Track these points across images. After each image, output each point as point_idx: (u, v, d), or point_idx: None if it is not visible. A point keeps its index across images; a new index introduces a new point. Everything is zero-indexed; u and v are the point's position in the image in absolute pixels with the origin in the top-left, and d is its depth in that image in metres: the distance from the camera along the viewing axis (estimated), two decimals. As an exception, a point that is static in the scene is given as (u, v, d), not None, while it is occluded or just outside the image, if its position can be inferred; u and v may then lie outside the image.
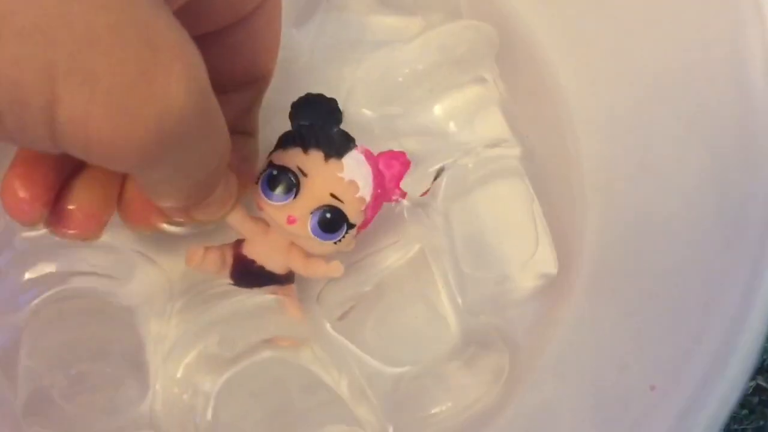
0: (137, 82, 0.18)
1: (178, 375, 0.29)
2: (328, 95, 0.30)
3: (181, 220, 0.27)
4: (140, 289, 0.31)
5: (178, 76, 0.18)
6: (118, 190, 0.27)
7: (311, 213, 0.28)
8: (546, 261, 0.30)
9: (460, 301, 0.31)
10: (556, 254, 0.31)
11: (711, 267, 0.25)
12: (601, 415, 0.27)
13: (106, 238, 0.27)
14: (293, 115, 0.29)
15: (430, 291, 0.31)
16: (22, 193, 0.23)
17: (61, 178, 0.25)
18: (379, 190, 0.29)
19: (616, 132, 0.30)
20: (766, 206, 0.24)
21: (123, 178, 0.27)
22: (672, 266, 0.27)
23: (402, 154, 0.30)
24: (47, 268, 0.30)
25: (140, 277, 0.31)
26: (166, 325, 0.31)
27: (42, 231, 0.30)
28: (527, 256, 0.31)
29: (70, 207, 0.25)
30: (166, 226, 0.29)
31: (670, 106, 0.28)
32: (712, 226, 0.26)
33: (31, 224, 0.24)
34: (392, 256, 0.31)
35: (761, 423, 0.42)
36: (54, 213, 0.25)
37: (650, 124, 0.29)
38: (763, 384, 0.42)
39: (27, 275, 0.30)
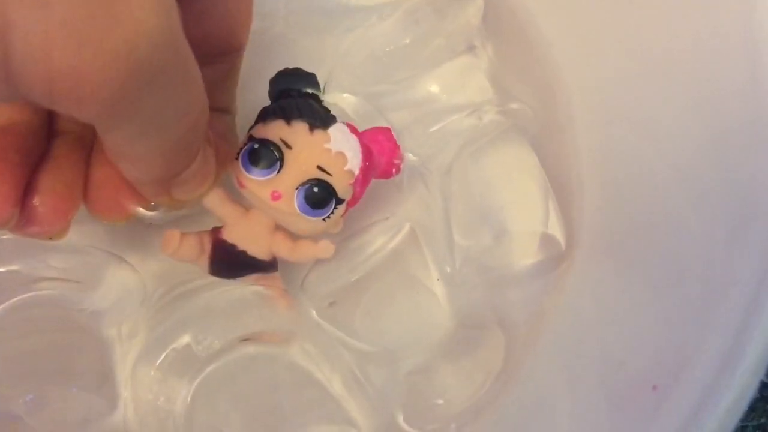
0: (96, 5, 0.16)
1: (150, 378, 0.26)
2: (308, 69, 0.29)
3: (158, 201, 0.25)
4: (110, 293, 0.28)
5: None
6: (83, 180, 0.25)
7: (297, 188, 0.26)
8: (552, 235, 0.29)
9: (449, 269, 0.29)
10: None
11: (717, 256, 0.24)
12: (601, 410, 0.25)
13: (72, 237, 0.25)
14: (272, 92, 0.28)
15: (422, 273, 0.29)
16: None
17: (28, 172, 0.23)
18: (367, 163, 0.28)
19: (614, 111, 0.29)
20: None
21: (87, 165, 0.25)
22: (675, 256, 0.26)
23: (386, 129, 0.28)
24: (6, 273, 0.27)
25: (110, 280, 0.29)
26: (137, 329, 0.28)
27: None
28: (534, 228, 0.29)
29: (35, 202, 0.23)
30: (140, 212, 0.26)
31: (674, 77, 0.27)
32: (718, 213, 0.24)
33: (2, 226, 0.22)
34: (381, 238, 0.29)
35: (762, 420, 0.41)
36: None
37: (651, 96, 0.27)
38: (765, 380, 0.41)
39: None
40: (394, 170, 0.29)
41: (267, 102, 0.28)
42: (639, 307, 0.26)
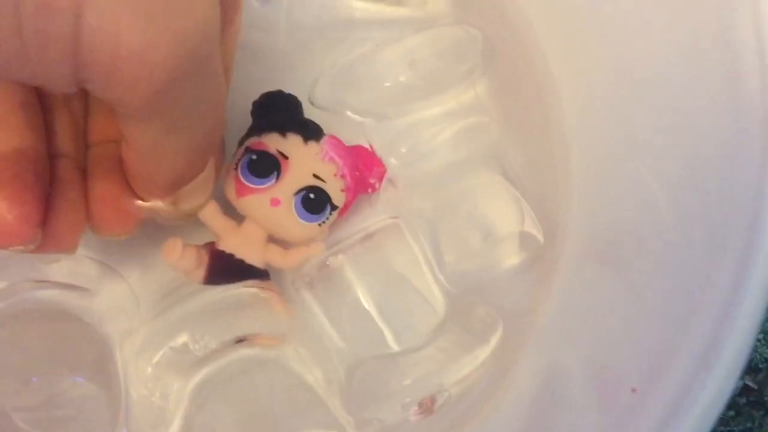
0: None
1: (147, 375, 0.26)
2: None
3: (160, 211, 0.26)
4: (106, 301, 0.29)
5: None
6: (86, 199, 0.26)
7: (294, 194, 0.28)
8: (531, 230, 0.30)
9: (443, 278, 0.30)
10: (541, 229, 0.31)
11: (696, 263, 0.25)
12: (584, 410, 0.26)
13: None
14: (254, 112, 0.29)
15: (411, 269, 0.30)
16: (11, 215, 0.22)
17: (45, 194, 0.24)
18: (356, 172, 0.29)
19: (602, 120, 0.30)
20: (753, 203, 0.23)
21: (86, 184, 0.26)
22: (655, 261, 0.27)
23: (368, 148, 0.30)
24: (1, 280, 0.28)
25: (105, 289, 0.29)
26: (135, 334, 0.28)
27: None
28: (512, 228, 0.30)
29: (52, 223, 0.24)
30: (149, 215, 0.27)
31: (660, 96, 0.28)
32: (697, 222, 0.25)
33: (24, 249, 0.23)
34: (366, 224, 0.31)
35: (748, 425, 0.41)
36: None
37: (637, 110, 0.29)
38: (751, 384, 0.41)
39: None
40: (375, 185, 0.30)
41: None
42: (622, 309, 0.27)
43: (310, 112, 0.30)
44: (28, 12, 0.16)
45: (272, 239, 0.29)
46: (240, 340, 0.27)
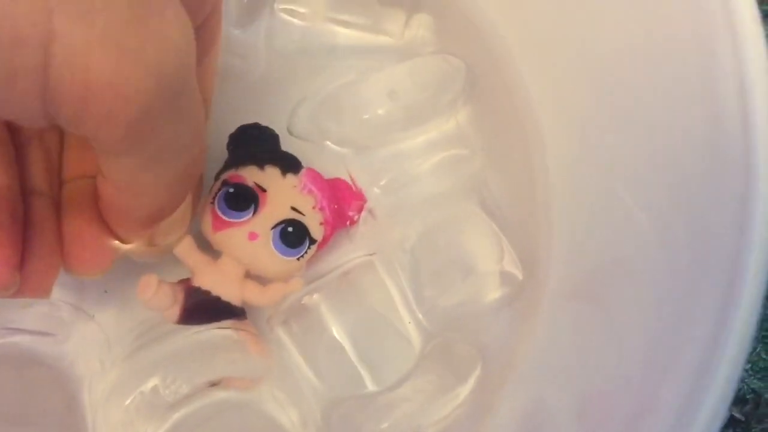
0: (133, 20, 0.17)
1: (118, 421, 0.25)
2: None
3: (133, 248, 0.26)
4: (76, 344, 0.28)
5: (171, 20, 0.18)
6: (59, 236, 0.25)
7: (272, 228, 0.27)
8: (510, 269, 0.29)
9: (421, 316, 0.29)
10: (521, 266, 0.30)
11: (681, 297, 0.24)
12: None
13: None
14: (231, 146, 0.29)
15: (387, 307, 0.29)
16: None
17: (21, 236, 0.23)
18: (335, 206, 0.29)
19: (584, 149, 0.29)
20: (736, 232, 0.23)
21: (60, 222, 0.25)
22: (639, 295, 0.26)
23: (345, 181, 0.30)
24: None
25: (75, 332, 0.28)
26: (106, 378, 0.27)
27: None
28: (491, 264, 0.29)
29: (29, 266, 0.23)
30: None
31: (640, 124, 0.28)
32: (683, 251, 0.25)
33: (1, 294, 0.22)
34: (342, 260, 0.30)
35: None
36: None
37: (619, 138, 0.28)
38: (738, 415, 0.41)
39: None
40: (354, 218, 0.30)
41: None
42: (606, 347, 0.26)
43: (288, 141, 0.30)
44: None
45: (249, 275, 0.28)
46: (213, 384, 0.27)
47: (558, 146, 0.30)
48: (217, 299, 0.27)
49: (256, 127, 0.29)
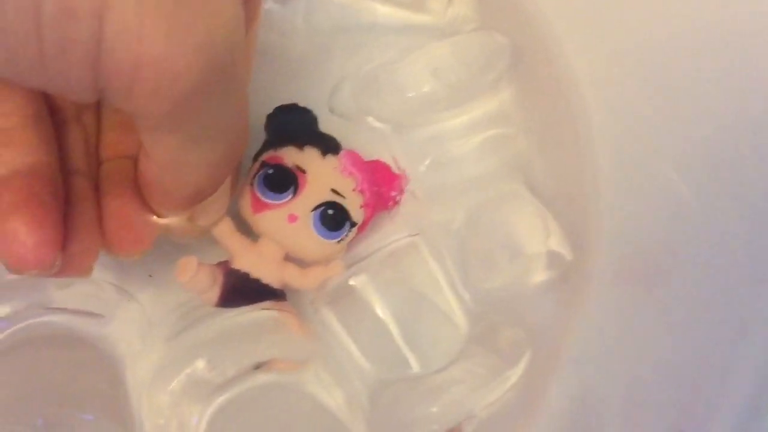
0: None
1: (163, 403, 0.25)
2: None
3: (174, 228, 0.25)
4: (119, 325, 0.27)
5: None
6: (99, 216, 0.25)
7: (312, 210, 0.27)
8: (558, 249, 0.28)
9: (467, 298, 0.29)
10: (569, 246, 0.29)
11: (740, 285, 0.24)
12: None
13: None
14: (268, 125, 0.29)
15: (432, 288, 0.29)
16: (31, 240, 0.21)
17: (62, 215, 0.22)
18: (375, 188, 0.28)
19: (632, 129, 0.29)
20: None
21: (99, 202, 0.25)
22: (693, 281, 0.25)
23: (385, 164, 0.29)
24: (7, 306, 0.26)
25: (117, 312, 0.28)
26: (148, 358, 0.27)
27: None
28: (539, 245, 0.28)
29: (70, 245, 0.22)
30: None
31: (691, 105, 0.27)
32: (739, 237, 0.24)
33: (43, 274, 0.21)
34: (384, 241, 0.29)
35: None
36: None
37: (669, 119, 0.27)
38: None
39: None
40: (393, 201, 0.29)
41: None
42: (658, 337, 0.26)
43: (327, 122, 0.29)
44: (49, 17, 0.15)
45: (289, 257, 0.27)
46: (258, 366, 0.26)
47: (605, 125, 0.29)
48: (257, 281, 0.27)
49: (294, 107, 0.29)
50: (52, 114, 0.24)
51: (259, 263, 0.27)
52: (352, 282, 0.28)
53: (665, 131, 0.28)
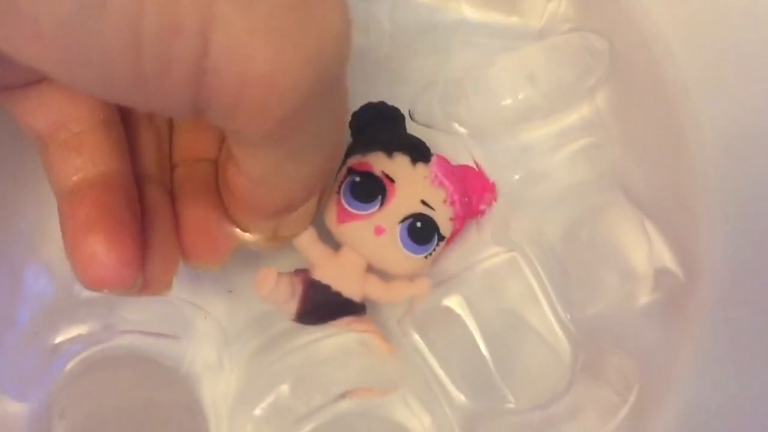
0: (297, 5, 0.15)
1: (245, 431, 0.24)
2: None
3: (255, 240, 0.24)
4: (192, 343, 0.26)
5: (333, 3, 0.16)
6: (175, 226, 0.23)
7: (399, 222, 0.25)
8: (669, 268, 0.26)
9: (568, 322, 0.27)
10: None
11: None
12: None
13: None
14: (354, 124, 0.27)
15: (531, 311, 0.27)
16: (111, 259, 0.19)
17: (140, 229, 0.21)
18: (465, 199, 0.26)
19: (748, 145, 0.26)
20: None
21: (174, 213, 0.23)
22: None
23: (474, 170, 0.27)
24: (82, 327, 0.25)
25: (192, 330, 0.26)
26: (226, 379, 0.26)
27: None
28: (647, 263, 0.26)
29: (150, 262, 0.21)
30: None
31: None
32: None
33: (124, 293, 0.20)
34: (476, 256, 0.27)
35: None
36: None
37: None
38: None
39: (59, 335, 0.25)
40: (484, 210, 0.28)
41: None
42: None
43: (409, 127, 0.28)
44: (150, 34, 0.14)
45: (371, 269, 0.26)
46: (344, 394, 0.25)
47: (715, 131, 0.27)
48: (337, 294, 0.25)
49: (382, 106, 0.27)
50: (122, 117, 0.23)
51: (340, 275, 0.25)
52: (444, 303, 0.26)
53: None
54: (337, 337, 0.25)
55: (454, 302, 0.26)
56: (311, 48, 0.16)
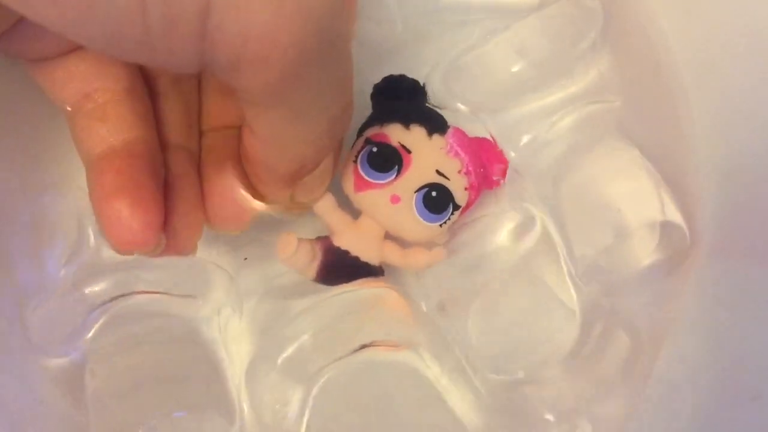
0: None
1: (266, 382, 0.25)
2: (419, 75, 0.28)
3: (275, 203, 0.25)
4: (211, 302, 0.27)
5: None
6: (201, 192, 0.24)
7: (415, 192, 0.26)
8: (674, 222, 0.27)
9: (573, 272, 0.28)
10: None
11: None
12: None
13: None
14: (374, 96, 0.28)
15: (546, 274, 0.28)
16: (136, 222, 0.21)
17: (162, 194, 0.22)
18: (481, 169, 0.28)
19: (738, 113, 0.27)
20: None
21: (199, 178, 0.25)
22: None
23: (490, 142, 0.29)
24: (110, 285, 0.26)
25: (213, 290, 0.28)
26: (245, 333, 0.28)
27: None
28: (651, 216, 0.27)
29: (174, 225, 0.23)
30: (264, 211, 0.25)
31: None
32: None
33: (148, 255, 0.22)
34: (500, 235, 0.28)
35: None
36: None
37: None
38: None
39: (87, 292, 0.26)
40: (499, 181, 0.29)
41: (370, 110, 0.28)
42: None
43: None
44: None
45: (389, 236, 0.27)
46: (363, 346, 0.26)
47: (702, 97, 0.28)
48: (356, 258, 0.26)
49: (402, 78, 0.28)
50: (147, 85, 0.24)
51: (359, 241, 0.26)
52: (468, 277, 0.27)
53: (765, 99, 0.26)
54: (356, 292, 0.26)
55: (477, 278, 0.27)
56: (311, 5, 0.17)
